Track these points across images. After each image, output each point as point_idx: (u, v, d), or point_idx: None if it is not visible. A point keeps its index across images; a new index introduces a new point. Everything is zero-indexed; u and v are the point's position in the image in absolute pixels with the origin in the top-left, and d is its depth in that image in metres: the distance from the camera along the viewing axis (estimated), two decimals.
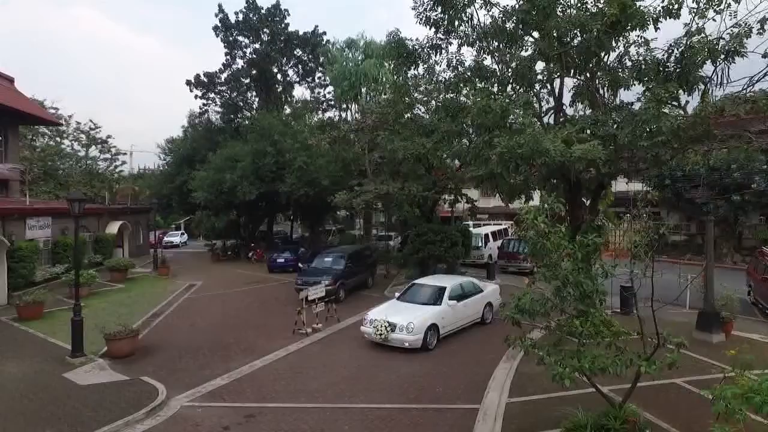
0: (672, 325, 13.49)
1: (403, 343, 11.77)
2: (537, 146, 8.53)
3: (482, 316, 14.38)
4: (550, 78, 11.27)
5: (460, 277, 15.92)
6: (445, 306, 12.97)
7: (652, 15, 9.77)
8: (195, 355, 12.14)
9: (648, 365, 6.32)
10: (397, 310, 12.70)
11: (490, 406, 8.76)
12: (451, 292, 13.40)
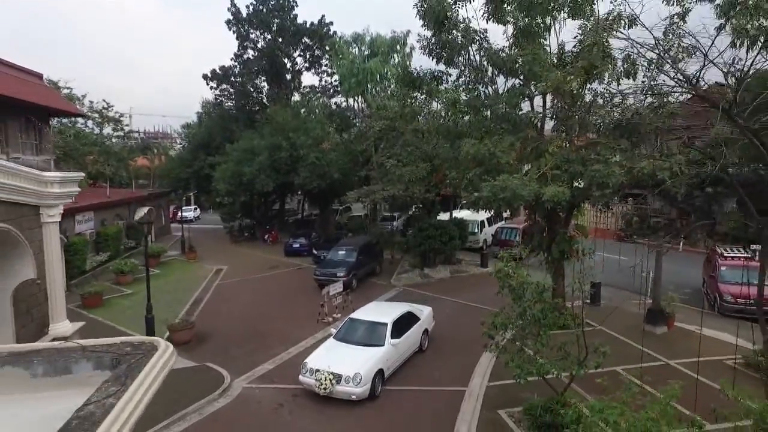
0: (629, 316, 16.37)
1: (350, 396, 10.89)
2: (514, 190, 10.96)
3: (420, 345, 13.81)
4: (533, 119, 13.55)
5: (398, 306, 14.67)
6: (388, 346, 12.14)
7: (615, 75, 11.95)
8: (240, 343, 14.98)
9: (578, 370, 9.01)
10: (339, 356, 11.60)
11: None
12: (392, 329, 12.57)
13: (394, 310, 13.89)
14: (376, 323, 12.81)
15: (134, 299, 20.64)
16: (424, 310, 14.78)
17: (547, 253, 15.24)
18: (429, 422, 10.43)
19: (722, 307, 16.22)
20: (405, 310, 13.82)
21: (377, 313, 13.68)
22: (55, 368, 4.60)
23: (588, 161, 11.71)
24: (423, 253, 22.82)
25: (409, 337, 13.07)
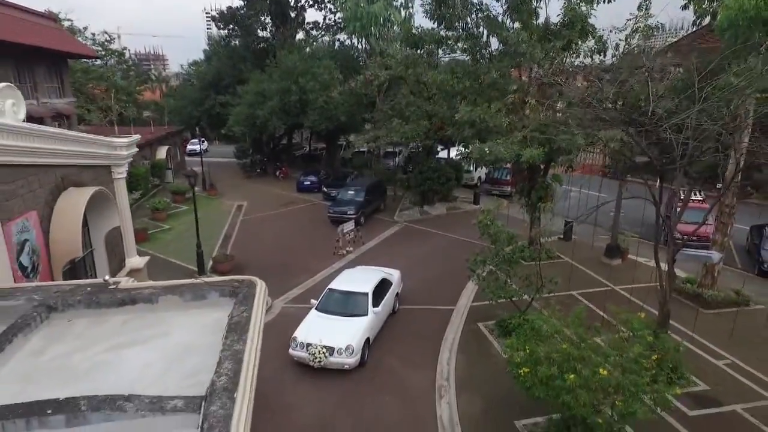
0: (593, 250, 19.32)
1: (343, 366, 11.29)
2: (497, 154, 13.31)
3: (393, 308, 14.27)
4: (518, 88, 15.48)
5: (372, 272, 14.58)
6: (371, 315, 12.51)
7: (589, 52, 13.80)
8: (272, 272, 18.02)
9: (534, 294, 12.00)
10: (327, 328, 11.78)
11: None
12: (373, 298, 12.89)
13: (369, 277, 13.87)
14: (356, 293, 12.95)
15: (173, 234, 23.62)
16: (394, 275, 14.99)
17: (528, 198, 17.88)
18: (427, 330, 13.66)
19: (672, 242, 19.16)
20: (380, 278, 13.88)
21: (355, 282, 13.62)
22: (196, 296, 7.38)
23: (560, 129, 13.96)
24: (422, 192, 25.45)
25: (386, 304, 13.43)
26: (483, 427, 9.58)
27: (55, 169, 10.42)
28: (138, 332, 6.74)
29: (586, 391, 6.88)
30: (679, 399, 9.98)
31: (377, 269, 15.07)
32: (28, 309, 6.82)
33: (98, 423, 4.65)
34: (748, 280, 16.54)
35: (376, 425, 9.78)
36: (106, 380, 5.58)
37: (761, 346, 12.06)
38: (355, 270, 15.38)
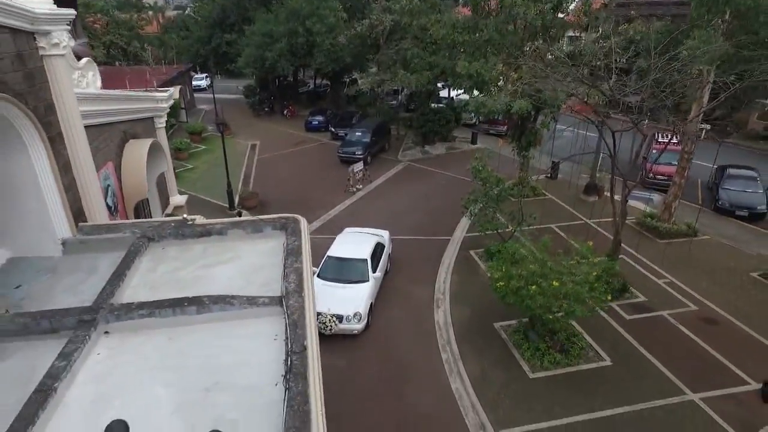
0: (573, 188, 21.42)
1: (352, 332, 11.83)
2: (492, 106, 14.99)
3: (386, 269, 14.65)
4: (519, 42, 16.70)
5: (365, 236, 14.81)
6: (372, 281, 12.96)
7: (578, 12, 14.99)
8: (293, 207, 20.13)
9: (518, 227, 14.30)
10: (334, 297, 12.15)
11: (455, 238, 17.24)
12: (372, 263, 13.31)
13: (364, 243, 14.10)
14: (356, 260, 13.31)
15: (197, 173, 25.62)
16: (384, 236, 15.29)
17: (518, 142, 19.72)
18: (428, 256, 16.16)
19: (644, 180, 21.25)
20: (375, 242, 14.18)
21: (352, 249, 13.86)
22: (255, 229, 9.60)
23: (546, 85, 15.52)
24: (424, 133, 27.12)
25: (381, 268, 13.93)
26: (469, 327, 12.30)
27: (119, 125, 12.30)
28: (217, 256, 9.04)
29: (543, 297, 9.36)
30: (622, 307, 12.67)
31: (369, 233, 15.14)
32: (134, 240, 9.09)
33: (212, 311, 7.06)
34: (705, 215, 18.83)
35: (390, 324, 12.51)
36: (206, 289, 7.91)
37: (696, 268, 14.59)
38: (348, 235, 15.28)
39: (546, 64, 14.31)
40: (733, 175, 19.46)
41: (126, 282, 7.84)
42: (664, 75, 11.01)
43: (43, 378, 5.64)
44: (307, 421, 4.85)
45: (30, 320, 6.66)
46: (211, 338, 6.68)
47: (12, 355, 6.39)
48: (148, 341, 6.64)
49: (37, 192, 8.31)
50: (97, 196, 10.19)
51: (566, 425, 9.23)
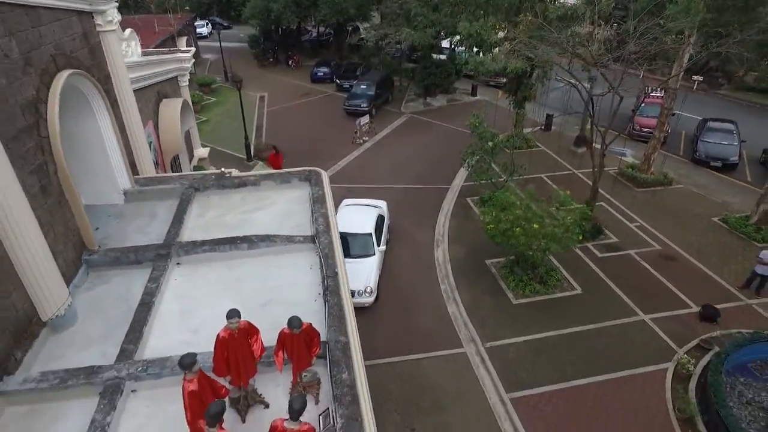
0: (567, 139, 22.62)
1: (363, 305, 11.88)
2: (489, 66, 15.94)
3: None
4: None
5: (366, 209, 14.51)
6: (378, 254, 13.08)
7: None
8: (305, 158, 21.55)
9: (508, 176, 15.78)
10: None
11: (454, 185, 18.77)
12: (377, 237, 13.38)
13: (367, 216, 13.95)
14: (360, 235, 13.22)
15: (211, 125, 26.66)
16: (383, 207, 15.10)
17: (514, 96, 20.72)
18: (429, 203, 17.75)
19: (632, 133, 22.41)
20: (376, 215, 14.08)
21: (355, 223, 13.61)
22: (283, 180, 11.11)
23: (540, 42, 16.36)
24: (426, 86, 27.84)
25: (384, 241, 14.00)
26: (464, 263, 14.14)
27: (154, 86, 13.47)
28: (253, 204, 10.62)
29: (525, 238, 11.05)
30: (596, 247, 14.43)
31: (368, 204, 14.93)
32: (183, 190, 10.63)
33: (259, 248, 8.75)
34: (683, 166, 20.26)
35: (397, 261, 14.33)
36: (249, 230, 9.53)
37: (665, 214, 16.21)
38: (348, 208, 14.72)
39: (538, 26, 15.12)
40: (712, 127, 20.57)
41: (184, 224, 9.51)
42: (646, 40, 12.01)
43: (142, 295, 7.43)
44: (343, 321, 6.66)
45: (120, 254, 8.39)
46: (260, 268, 8.43)
47: (110, 280, 8.17)
48: (212, 270, 8.40)
49: (102, 150, 9.78)
50: (146, 153, 11.66)
51: (540, 339, 11.24)
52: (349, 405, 5.32)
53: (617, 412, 9.45)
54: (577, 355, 10.72)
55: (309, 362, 5.50)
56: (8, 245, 5.85)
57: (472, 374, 10.41)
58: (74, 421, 5.60)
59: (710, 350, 10.46)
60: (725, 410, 8.43)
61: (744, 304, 12.13)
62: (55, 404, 5.78)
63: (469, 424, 9.38)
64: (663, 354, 10.65)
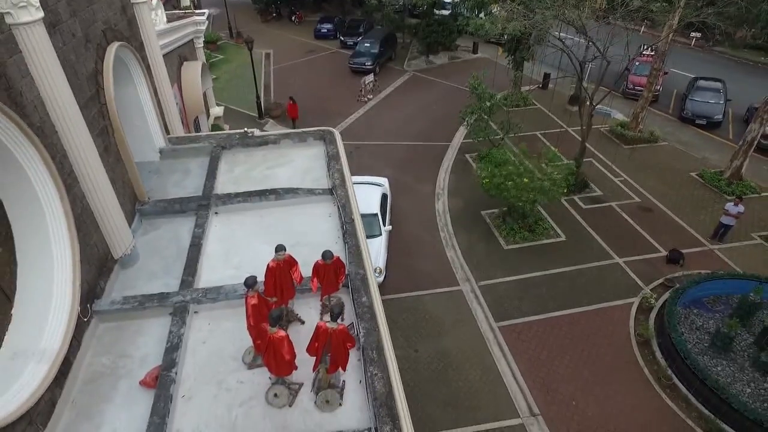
0: (563, 97, 23.20)
1: None
2: (490, 29, 16.43)
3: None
4: None
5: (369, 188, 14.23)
6: (384, 234, 13.06)
7: None
8: (313, 116, 22.30)
9: (506, 134, 16.70)
10: None
11: (454, 142, 19.68)
12: (382, 217, 13.30)
13: (370, 196, 13.76)
14: (366, 215, 12.65)
15: (220, 83, 26.98)
16: (385, 184, 14.91)
17: (513, 56, 21.17)
18: (431, 159, 18.74)
19: (625, 91, 22.98)
20: (380, 194, 13.95)
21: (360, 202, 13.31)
22: (300, 139, 12.11)
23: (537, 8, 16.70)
24: (428, 44, 27.99)
25: (389, 221, 13.86)
26: (462, 213, 15.38)
27: (176, 51, 14.19)
28: (275, 160, 11.68)
29: (516, 191, 12.22)
30: (581, 200, 15.61)
31: (370, 182, 14.67)
32: (212, 148, 11.68)
33: (285, 199, 9.93)
34: (671, 124, 21.03)
35: (401, 211, 15.59)
36: (273, 184, 10.68)
37: (648, 169, 17.24)
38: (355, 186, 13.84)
39: None
40: (700, 86, 21.12)
41: (217, 179, 10.66)
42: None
43: (192, 238, 8.70)
44: (360, 257, 7.96)
45: (167, 205, 9.60)
46: (286, 216, 9.66)
47: (160, 227, 9.43)
48: (245, 218, 9.64)
49: (140, 112, 10.77)
50: (176, 114, 12.61)
51: (526, 278, 12.67)
52: (368, 320, 6.71)
53: (588, 337, 11.01)
54: (558, 292, 12.19)
55: (336, 288, 6.83)
56: (89, 198, 7.04)
57: (466, 307, 11.92)
58: (153, 334, 7.01)
59: (671, 287, 11.90)
60: (675, 333, 9.94)
61: (707, 249, 13.49)
62: (137, 321, 7.18)
63: (463, 347, 10.97)
64: (631, 291, 12.10)
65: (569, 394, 9.84)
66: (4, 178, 5.47)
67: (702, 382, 9.14)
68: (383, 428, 5.35)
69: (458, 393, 9.88)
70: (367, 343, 6.29)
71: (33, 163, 5.56)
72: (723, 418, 8.79)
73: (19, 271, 6.00)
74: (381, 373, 5.92)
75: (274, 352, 5.29)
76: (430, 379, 10.20)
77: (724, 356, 10.06)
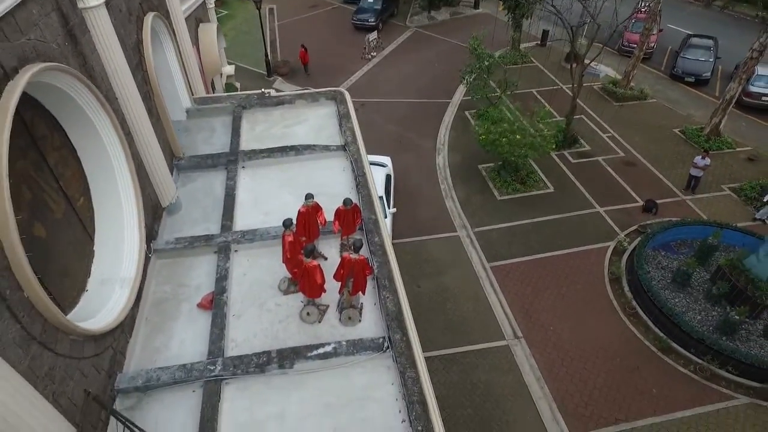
0: (558, 54, 23.37)
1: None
2: None
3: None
4: None
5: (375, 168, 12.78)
6: (389, 216, 12.75)
7: None
8: (320, 73, 22.64)
9: (503, 92, 17.31)
10: None
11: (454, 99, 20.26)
12: (386, 199, 13.01)
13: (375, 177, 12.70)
14: None
15: (227, 41, 26.70)
16: (388, 164, 14.47)
17: (513, 14, 21.24)
18: (432, 115, 19.41)
19: (621, 48, 23.13)
20: (384, 175, 13.49)
21: None
22: (313, 99, 12.86)
23: None
24: (431, 1, 27.70)
25: (393, 204, 13.50)
26: (461, 167, 16.33)
27: (193, 14, 14.60)
28: (291, 119, 12.48)
29: (509, 146, 13.14)
30: (571, 154, 16.52)
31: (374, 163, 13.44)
32: (234, 107, 12.48)
33: (303, 154, 10.90)
34: (661, 81, 21.42)
35: (404, 165, 16.55)
36: (291, 140, 11.56)
37: (634, 125, 17.96)
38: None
39: None
40: (692, 44, 21.28)
41: (241, 137, 11.59)
42: None
43: (226, 189, 9.79)
44: (372, 205, 9.07)
45: (200, 160, 10.59)
46: (305, 170, 10.65)
47: (195, 180, 10.46)
48: (269, 172, 10.65)
49: (169, 75, 11.50)
50: (198, 76, 13.30)
51: (516, 225, 13.86)
52: (380, 255, 7.92)
53: (567, 275, 12.36)
54: (543, 237, 13.43)
55: (354, 230, 8.00)
56: (143, 155, 8.06)
57: (462, 250, 13.21)
58: (203, 268, 8.24)
59: (643, 233, 13.12)
60: (642, 271, 11.25)
61: (680, 199, 14.58)
62: (188, 258, 8.40)
63: (460, 284, 12.36)
64: (608, 236, 13.34)
65: (548, 322, 11.31)
66: (84, 141, 6.49)
67: (660, 311, 10.55)
68: (394, 336, 6.68)
69: (455, 320, 11.36)
70: (380, 274, 7.54)
71: (105, 127, 6.54)
72: (674, 338, 10.26)
73: (96, 216, 7.15)
74: (392, 296, 7.21)
75: (308, 278, 6.53)
76: (431, 309, 11.65)
77: (682, 290, 11.42)
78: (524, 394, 9.93)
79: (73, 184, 6.38)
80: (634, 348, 10.60)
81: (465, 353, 10.61)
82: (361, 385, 6.29)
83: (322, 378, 6.36)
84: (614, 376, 10.15)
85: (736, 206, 14.13)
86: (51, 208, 5.78)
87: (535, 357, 10.52)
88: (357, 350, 6.50)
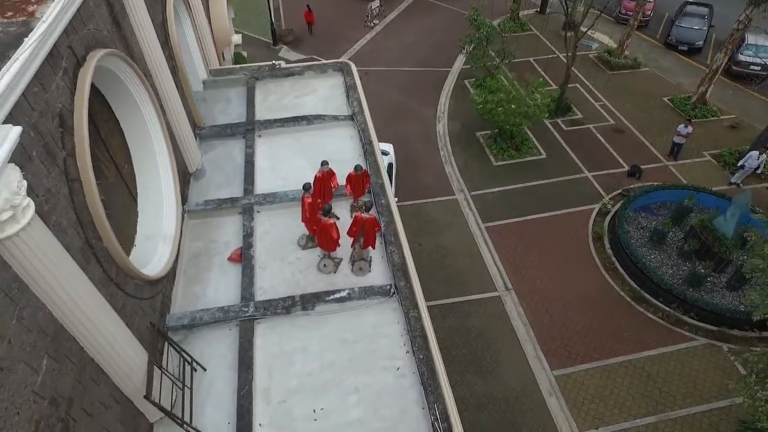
0: (556, 23, 23.22)
1: None
2: None
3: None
4: None
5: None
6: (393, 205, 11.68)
7: None
8: (323, 41, 22.63)
9: (501, 61, 17.55)
10: None
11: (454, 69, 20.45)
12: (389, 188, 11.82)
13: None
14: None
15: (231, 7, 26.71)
16: (391, 152, 14.33)
17: None
18: (433, 84, 19.70)
19: (618, 16, 22.98)
20: (387, 164, 13.07)
21: None
22: (321, 70, 13.23)
23: None
24: None
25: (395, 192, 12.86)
26: (460, 134, 16.85)
27: None
28: (301, 90, 12.92)
29: (505, 115, 13.68)
30: (564, 122, 17.02)
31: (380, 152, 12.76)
32: (247, 79, 12.93)
33: (315, 124, 11.48)
34: (655, 49, 21.48)
35: (406, 133, 17.11)
36: (302, 110, 12.08)
37: (626, 94, 18.29)
38: None
39: None
40: (688, 12, 21.17)
41: (256, 107, 12.13)
42: None
43: (246, 156, 10.47)
44: (378, 171, 9.78)
45: (220, 129, 11.20)
46: (317, 138, 11.27)
47: (216, 147, 11.10)
48: (283, 140, 11.28)
49: (186, 48, 11.89)
50: (212, 48, 13.66)
51: (510, 189, 14.58)
52: (387, 215, 8.74)
53: (554, 234, 13.24)
54: (534, 200, 14.21)
55: (363, 193, 8.77)
56: (173, 125, 8.70)
57: (460, 212, 14.03)
58: (230, 227, 9.06)
59: (627, 196, 13.89)
60: (622, 230, 12.11)
61: (663, 165, 15.24)
62: (216, 218, 9.20)
63: (457, 242, 13.26)
64: (594, 199, 14.11)
65: (536, 276, 12.29)
66: (127, 114, 7.15)
67: (635, 266, 11.49)
68: (399, 283, 7.60)
69: (452, 274, 12.34)
70: (386, 231, 8.38)
71: (144, 101, 7.20)
72: (646, 289, 11.25)
73: (138, 180, 7.91)
74: (397, 250, 8.07)
75: (325, 234, 7.37)
76: (431, 265, 12.61)
77: (658, 248, 12.32)
78: (512, 338, 11.03)
79: (119, 152, 7.11)
80: (611, 298, 11.62)
81: (461, 303, 11.65)
82: (372, 324, 7.26)
83: (338, 318, 7.33)
84: (592, 323, 11.22)
85: (715, 171, 14.81)
86: (105, 174, 6.54)
87: (522, 306, 11.56)
88: (368, 295, 7.43)
